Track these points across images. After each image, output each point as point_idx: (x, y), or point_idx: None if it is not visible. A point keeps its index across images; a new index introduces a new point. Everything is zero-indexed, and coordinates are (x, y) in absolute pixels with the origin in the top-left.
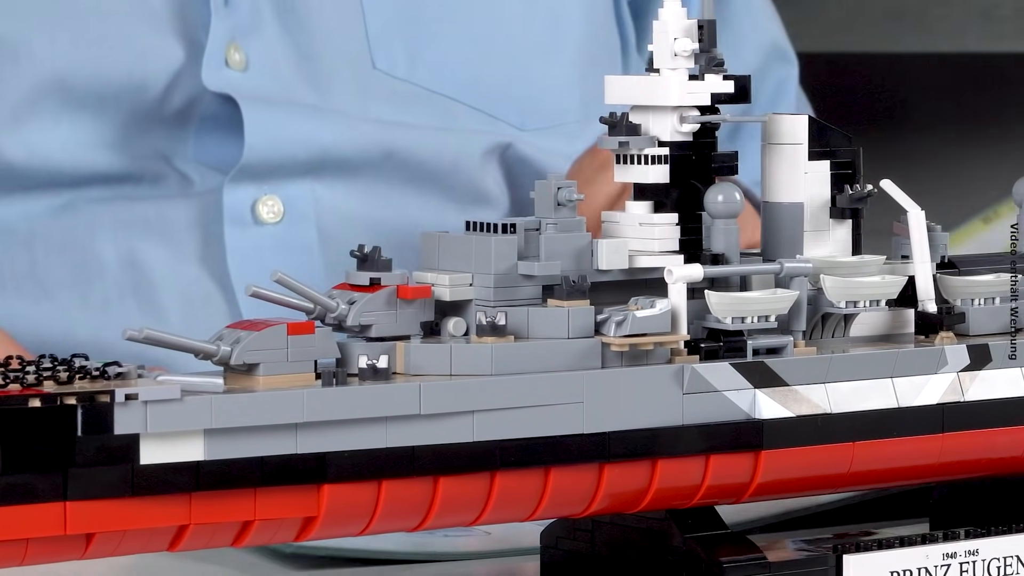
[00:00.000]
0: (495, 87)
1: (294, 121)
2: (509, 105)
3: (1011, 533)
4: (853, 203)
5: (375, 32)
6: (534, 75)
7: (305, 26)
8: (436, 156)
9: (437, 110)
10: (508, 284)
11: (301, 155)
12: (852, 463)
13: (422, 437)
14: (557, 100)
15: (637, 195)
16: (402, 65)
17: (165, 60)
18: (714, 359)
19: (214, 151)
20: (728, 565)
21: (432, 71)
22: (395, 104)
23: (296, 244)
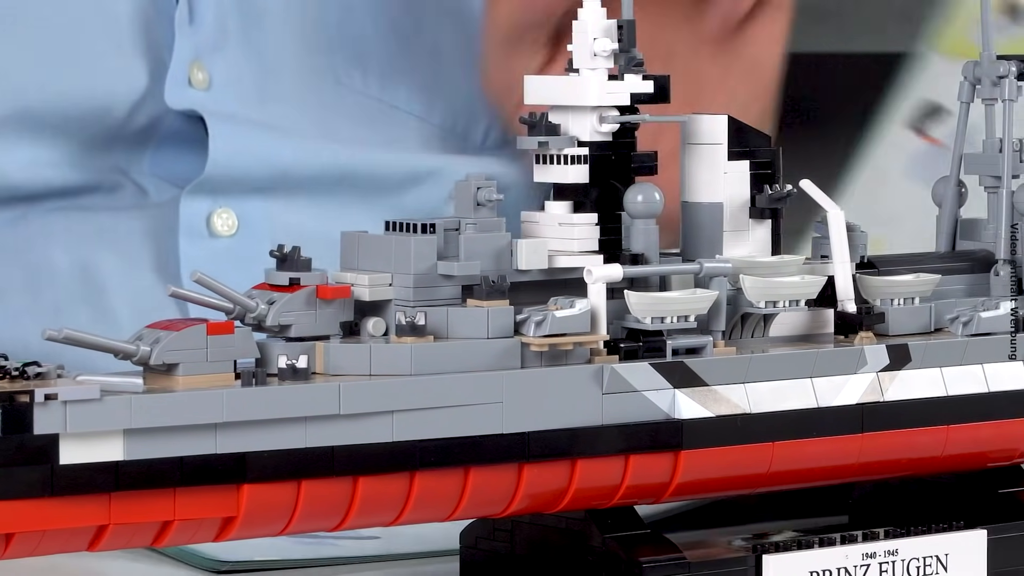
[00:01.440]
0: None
1: (256, 139)
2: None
3: (931, 533)
4: (772, 203)
5: (339, 48)
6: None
7: (269, 43)
8: (395, 174)
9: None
10: (427, 284)
11: (262, 172)
12: (772, 463)
13: (341, 437)
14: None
15: (556, 195)
16: (366, 81)
17: (129, 83)
18: (633, 359)
19: (171, 165)
20: (647, 565)
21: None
22: (358, 120)
23: (250, 257)
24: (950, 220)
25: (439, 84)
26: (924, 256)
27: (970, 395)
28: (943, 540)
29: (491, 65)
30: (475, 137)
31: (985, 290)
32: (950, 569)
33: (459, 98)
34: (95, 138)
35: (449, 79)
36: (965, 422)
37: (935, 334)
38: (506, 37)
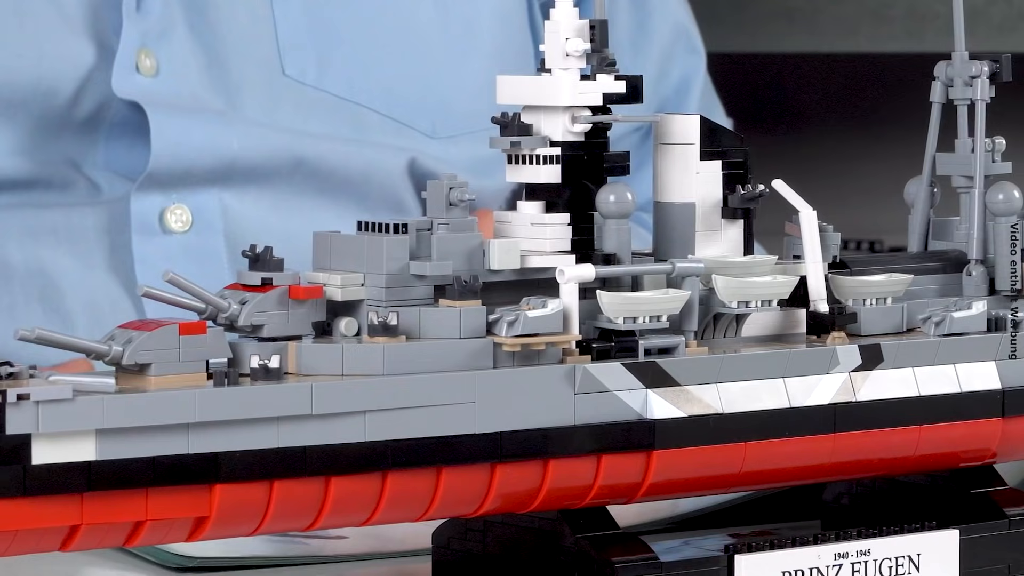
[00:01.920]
0: (406, 94)
1: (202, 128)
2: (420, 112)
3: (903, 533)
4: (745, 203)
5: (285, 39)
6: (446, 82)
7: (216, 32)
8: (347, 165)
9: (347, 117)
10: (400, 284)
11: (209, 163)
12: (744, 463)
13: (314, 437)
14: (469, 106)
15: (529, 195)
16: (312, 72)
17: (75, 65)
18: (606, 359)
19: (123, 158)
20: (620, 565)
21: (342, 78)
22: (305, 111)
23: (204, 253)
24: (922, 220)
25: (386, 75)
26: (896, 256)
27: (942, 395)
28: (915, 540)
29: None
30: (423, 126)
31: (957, 290)
32: (922, 569)
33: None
34: (43, 123)
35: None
36: (937, 422)
37: (907, 334)
38: None
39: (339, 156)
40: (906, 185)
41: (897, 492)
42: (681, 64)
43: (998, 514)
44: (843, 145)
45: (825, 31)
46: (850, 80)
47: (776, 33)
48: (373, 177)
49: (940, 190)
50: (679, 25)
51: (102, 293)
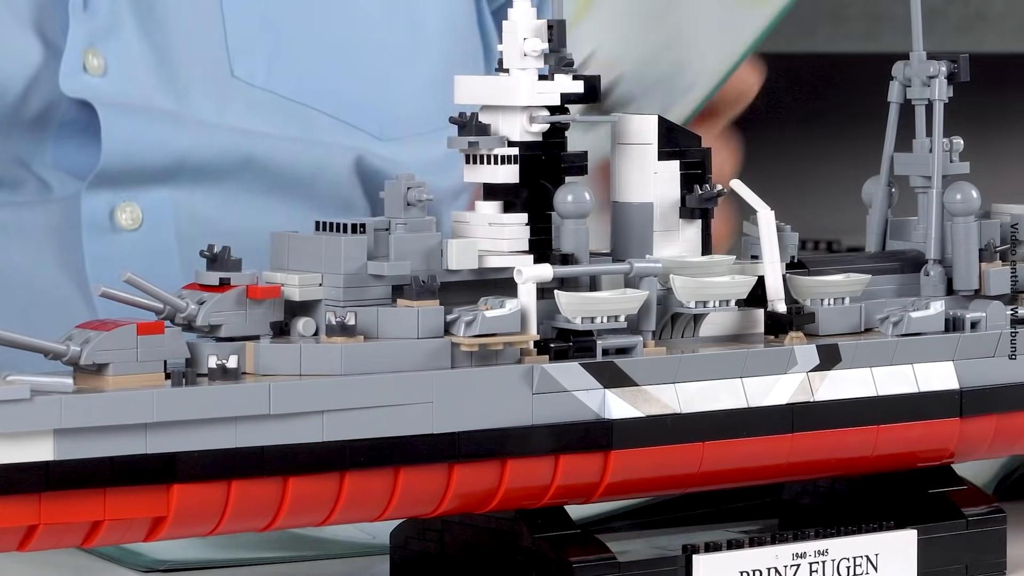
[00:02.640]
0: (355, 96)
1: (152, 127)
2: (369, 114)
3: (861, 533)
4: (703, 203)
5: (234, 39)
6: (394, 84)
7: (164, 32)
8: (296, 164)
9: (296, 119)
10: (358, 284)
11: (159, 161)
12: (702, 463)
13: (272, 437)
14: (417, 108)
15: (487, 195)
16: (261, 73)
17: (24, 64)
18: (564, 359)
19: (73, 157)
20: (577, 565)
21: (291, 79)
22: (254, 112)
23: (155, 251)
24: (880, 220)
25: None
26: (854, 256)
27: (900, 395)
28: (873, 540)
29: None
30: (371, 128)
31: (915, 290)
32: (880, 569)
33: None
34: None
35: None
36: (895, 422)
37: (865, 334)
38: None
39: (288, 155)
40: (864, 185)
41: (855, 492)
42: None
43: (956, 514)
44: (801, 145)
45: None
46: (808, 80)
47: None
48: (321, 175)
49: (898, 190)
50: None
51: (53, 291)
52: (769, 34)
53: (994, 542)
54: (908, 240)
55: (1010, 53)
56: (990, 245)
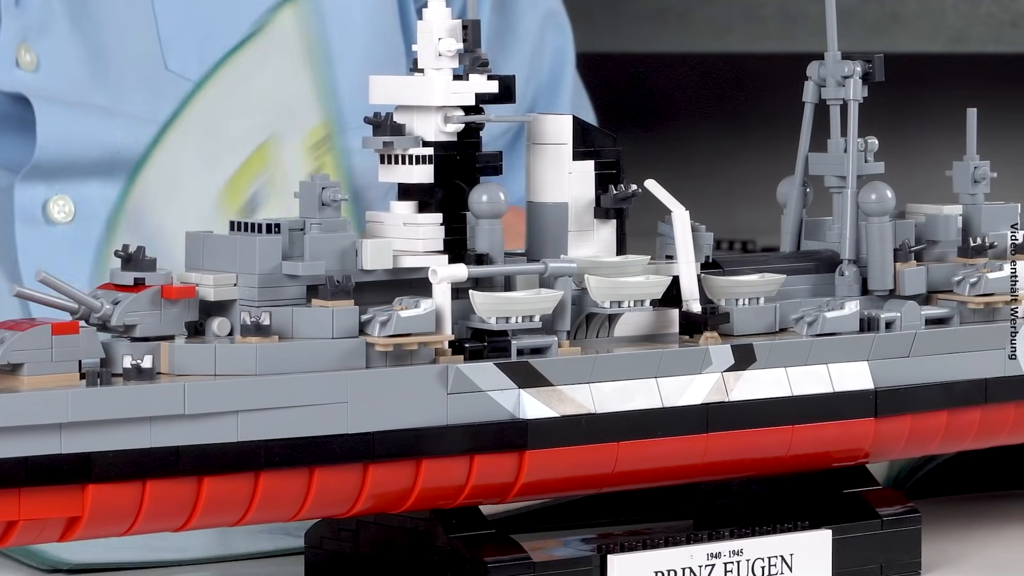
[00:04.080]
0: None
1: (85, 121)
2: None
3: (776, 533)
4: (617, 203)
5: (167, 34)
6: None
7: (97, 27)
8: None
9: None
10: (272, 284)
11: (92, 155)
12: (617, 463)
13: (186, 437)
14: (343, 106)
15: (402, 195)
16: (194, 67)
17: None
18: (478, 359)
19: (7, 150)
20: (492, 565)
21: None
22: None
23: (87, 243)
24: (795, 220)
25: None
26: (769, 256)
27: (815, 395)
28: (788, 540)
29: None
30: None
31: (830, 290)
32: (795, 569)
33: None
34: None
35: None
36: (810, 422)
37: (780, 334)
38: None
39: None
40: (779, 185)
41: (770, 492)
42: (550, 43)
43: (871, 514)
44: (715, 145)
45: (697, 31)
46: (722, 80)
47: (648, 33)
48: None
49: (813, 190)
50: (547, 10)
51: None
52: None
53: (909, 542)
54: (823, 240)
55: (924, 53)
56: (905, 245)
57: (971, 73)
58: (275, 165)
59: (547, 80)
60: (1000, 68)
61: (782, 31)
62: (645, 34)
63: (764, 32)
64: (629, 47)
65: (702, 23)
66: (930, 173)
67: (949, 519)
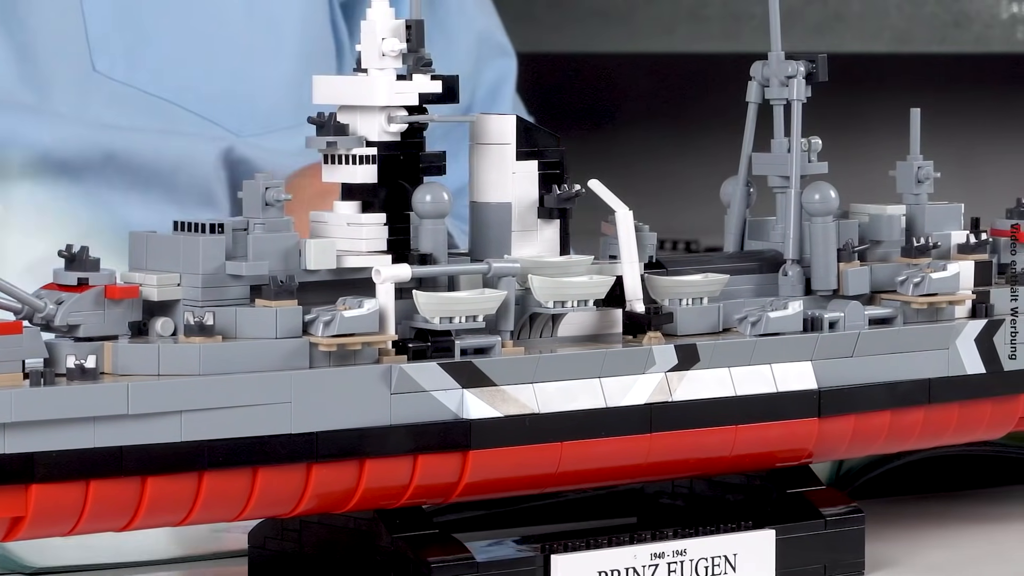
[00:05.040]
0: (214, 92)
1: (13, 122)
2: (227, 110)
3: (719, 533)
4: (561, 203)
5: (95, 34)
6: (252, 80)
7: (24, 27)
8: (158, 158)
9: (157, 114)
10: (216, 284)
11: (20, 156)
12: (560, 463)
13: (130, 437)
14: (274, 105)
15: (345, 195)
16: (122, 68)
17: None
18: (422, 359)
19: None
20: (436, 565)
21: (152, 75)
22: (115, 107)
23: (18, 246)
24: (739, 220)
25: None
26: (712, 256)
27: (758, 395)
28: (731, 540)
29: None
30: (231, 124)
31: (774, 290)
32: (738, 569)
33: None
34: None
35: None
36: (753, 422)
37: (724, 334)
38: None
39: (150, 149)
40: (722, 185)
41: (713, 492)
42: (491, 68)
43: (814, 514)
44: (659, 145)
45: (641, 31)
46: (666, 80)
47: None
48: (184, 169)
49: (756, 190)
50: (481, 29)
51: None
52: None
53: (852, 542)
54: (766, 240)
55: (868, 53)
56: (848, 245)
57: (915, 73)
58: None
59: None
60: (943, 68)
61: (726, 31)
62: (589, 33)
63: (708, 32)
64: (573, 47)
65: (646, 22)
66: (874, 173)
67: (892, 519)
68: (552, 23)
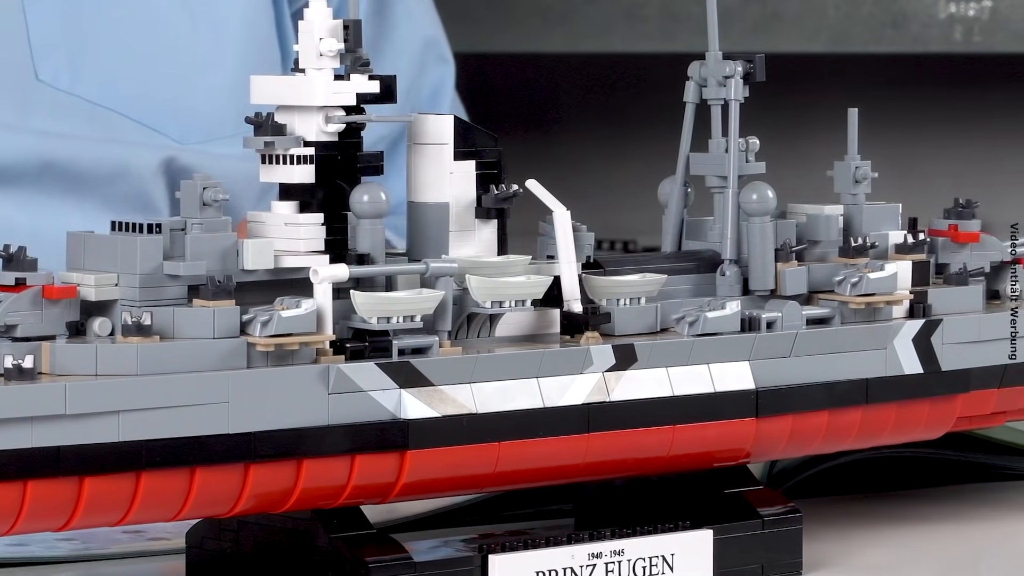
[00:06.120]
0: (157, 101)
1: None
2: (170, 119)
3: (657, 533)
4: (498, 203)
5: (38, 43)
6: (195, 89)
7: None
8: (96, 166)
9: (100, 123)
10: (154, 284)
11: None
12: (498, 463)
13: (68, 437)
14: (217, 114)
15: (283, 195)
16: (65, 77)
17: None
18: (360, 359)
19: None
20: (374, 565)
21: (95, 84)
22: (58, 115)
23: None
24: (676, 220)
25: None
26: (650, 256)
27: (696, 395)
28: (669, 540)
29: None
30: (172, 132)
31: (711, 290)
32: (676, 569)
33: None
34: None
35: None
36: (691, 422)
37: (661, 334)
38: None
39: (90, 156)
40: (660, 185)
41: (651, 492)
42: (432, 73)
43: (752, 514)
44: (597, 145)
45: (579, 31)
46: (604, 80)
47: (530, 33)
48: (123, 177)
49: (694, 190)
50: (425, 34)
51: None
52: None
53: (790, 542)
54: (704, 240)
55: (806, 53)
56: (786, 245)
57: (852, 73)
58: None
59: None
60: (881, 68)
61: (664, 31)
62: (527, 34)
63: (645, 32)
64: (511, 47)
65: (584, 23)
66: (811, 173)
67: (830, 519)
68: (491, 23)
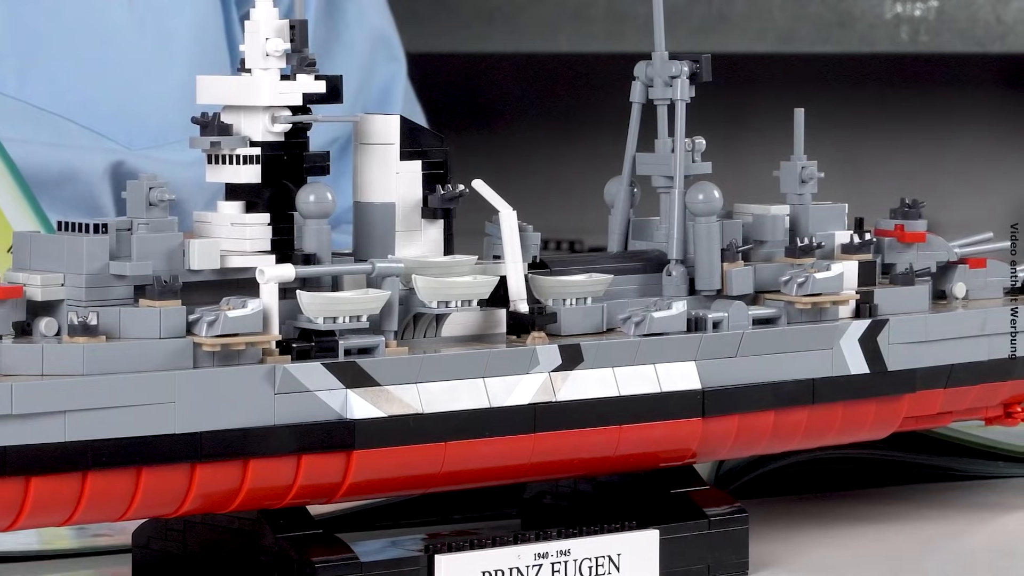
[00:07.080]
0: (105, 106)
1: None
2: (118, 124)
3: (603, 533)
4: (445, 203)
5: None
6: (143, 95)
7: None
8: (42, 171)
9: (49, 128)
10: (100, 284)
11: None
12: (444, 463)
13: (13, 437)
14: (165, 119)
15: (229, 195)
16: (12, 82)
17: None
18: (306, 359)
19: None
20: (320, 565)
21: (44, 89)
22: (6, 121)
23: None
24: (623, 220)
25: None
26: (596, 256)
27: (642, 395)
28: (615, 540)
29: None
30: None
31: (657, 290)
32: (623, 569)
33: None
34: None
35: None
36: (637, 422)
37: (607, 334)
38: None
39: (36, 161)
40: (606, 185)
41: (598, 492)
42: (382, 72)
43: (698, 514)
44: (543, 145)
45: (526, 31)
46: (550, 80)
47: (477, 33)
48: (70, 181)
49: (640, 190)
50: (377, 32)
51: None
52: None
53: (736, 542)
54: (650, 240)
55: (752, 53)
56: (732, 245)
57: (799, 73)
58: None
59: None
60: (828, 68)
61: (610, 31)
62: (473, 34)
63: (592, 32)
64: (457, 47)
65: (530, 23)
66: (757, 173)
67: (776, 519)
68: (437, 23)
